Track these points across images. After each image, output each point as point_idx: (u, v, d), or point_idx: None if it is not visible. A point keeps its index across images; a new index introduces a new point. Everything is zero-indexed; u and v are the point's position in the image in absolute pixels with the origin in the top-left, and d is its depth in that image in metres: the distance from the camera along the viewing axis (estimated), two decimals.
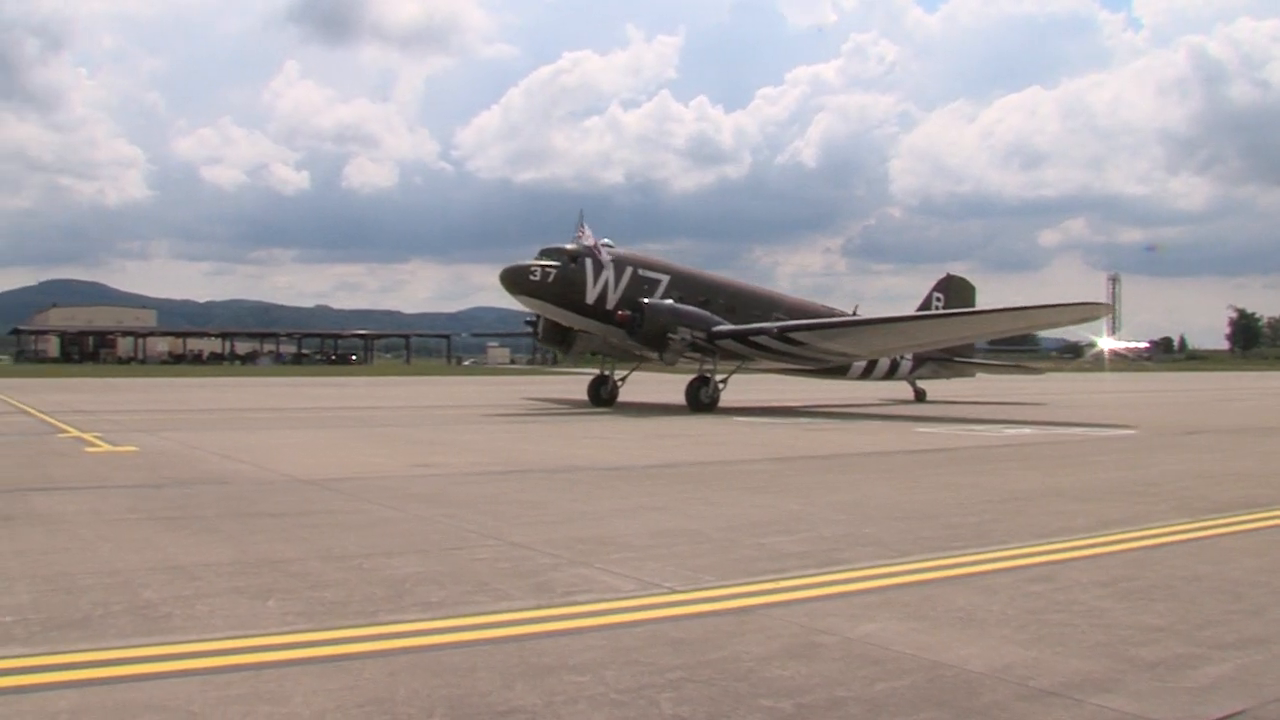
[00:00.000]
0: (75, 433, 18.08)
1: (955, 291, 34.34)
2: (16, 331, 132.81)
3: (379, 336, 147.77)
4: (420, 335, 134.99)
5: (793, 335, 26.08)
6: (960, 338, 27.48)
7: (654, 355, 26.60)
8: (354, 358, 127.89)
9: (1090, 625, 5.36)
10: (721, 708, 4.09)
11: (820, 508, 9.64)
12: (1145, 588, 6.29)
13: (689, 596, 6.02)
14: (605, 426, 21.72)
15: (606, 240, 27.66)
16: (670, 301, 26.20)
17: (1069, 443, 18.07)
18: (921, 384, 33.85)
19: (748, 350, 26.63)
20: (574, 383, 34.12)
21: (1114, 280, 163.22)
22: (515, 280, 25.90)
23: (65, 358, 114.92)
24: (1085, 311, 24.89)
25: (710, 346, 25.98)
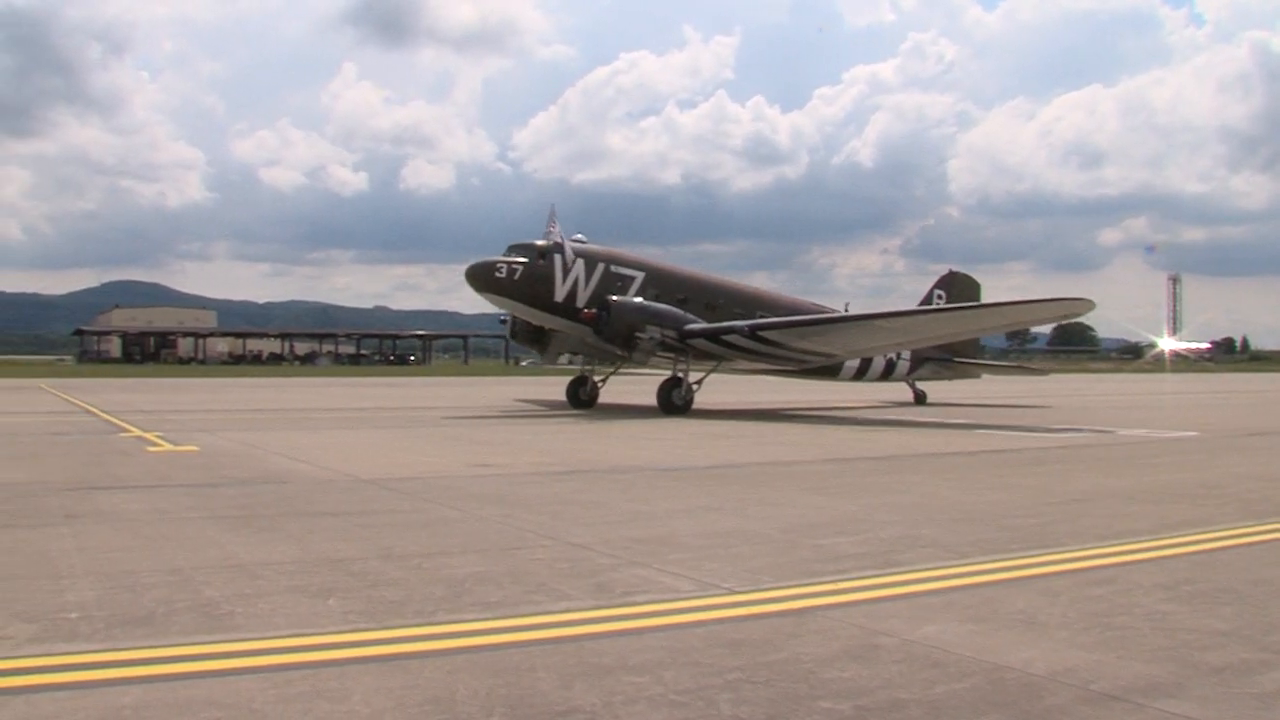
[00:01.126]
0: (137, 432, 18.38)
1: (959, 289, 33.29)
2: (80, 332, 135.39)
3: (437, 337, 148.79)
4: (478, 336, 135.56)
5: (764, 334, 25.22)
6: (939, 336, 26.21)
7: (623, 354, 26.08)
8: (412, 358, 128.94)
9: (1153, 629, 5.30)
10: (780, 709, 4.09)
11: (878, 509, 9.63)
12: (1210, 591, 6.20)
13: (747, 597, 6.02)
14: (663, 428, 21.68)
15: (579, 236, 27.09)
16: (639, 299, 25.45)
17: (1129, 445, 17.82)
18: (922, 385, 32.88)
19: (721, 350, 25.82)
20: (632, 384, 33.92)
21: (1174, 280, 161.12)
22: (480, 277, 25.24)
23: (127, 358, 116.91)
24: (1067, 308, 23.80)
25: (682, 346, 25.21)
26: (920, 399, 32.32)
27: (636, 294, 25.89)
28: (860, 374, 30.05)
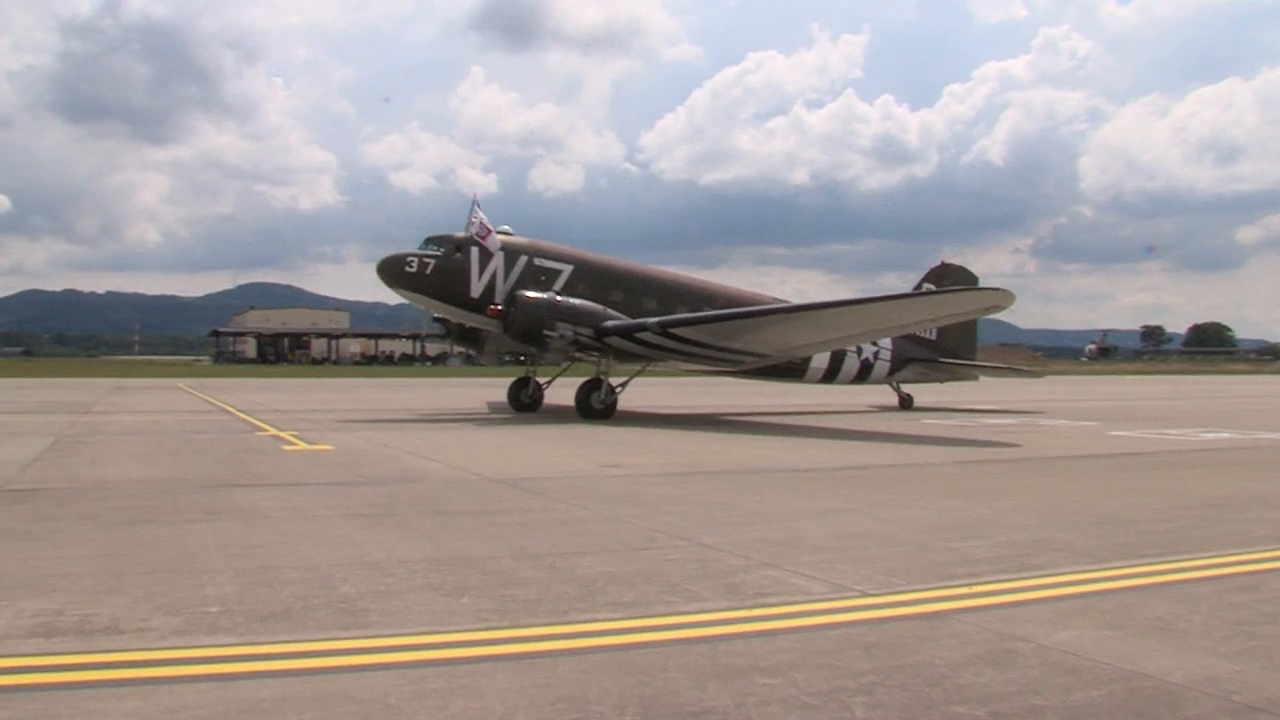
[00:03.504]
0: (273, 431, 18.97)
1: (952, 281, 30.67)
2: (216, 333, 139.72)
3: None
4: None
5: (676, 331, 23.67)
6: (862, 332, 24.47)
7: (535, 353, 25.13)
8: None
9: None
10: (914, 713, 4.09)
11: (1011, 512, 9.59)
12: None
13: (880, 600, 6.03)
14: (793, 427, 21.73)
15: (505, 227, 25.57)
16: (546, 294, 23.68)
17: (1268, 448, 17.30)
18: (907, 388, 31.02)
19: (639, 349, 24.20)
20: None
21: None
22: (391, 272, 24.15)
23: (261, 358, 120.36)
24: (988, 299, 22.28)
25: (600, 345, 23.79)
26: (906, 403, 30.51)
27: (563, 288, 24.47)
28: (830, 376, 28.42)
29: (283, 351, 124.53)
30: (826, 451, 16.09)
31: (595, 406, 23.35)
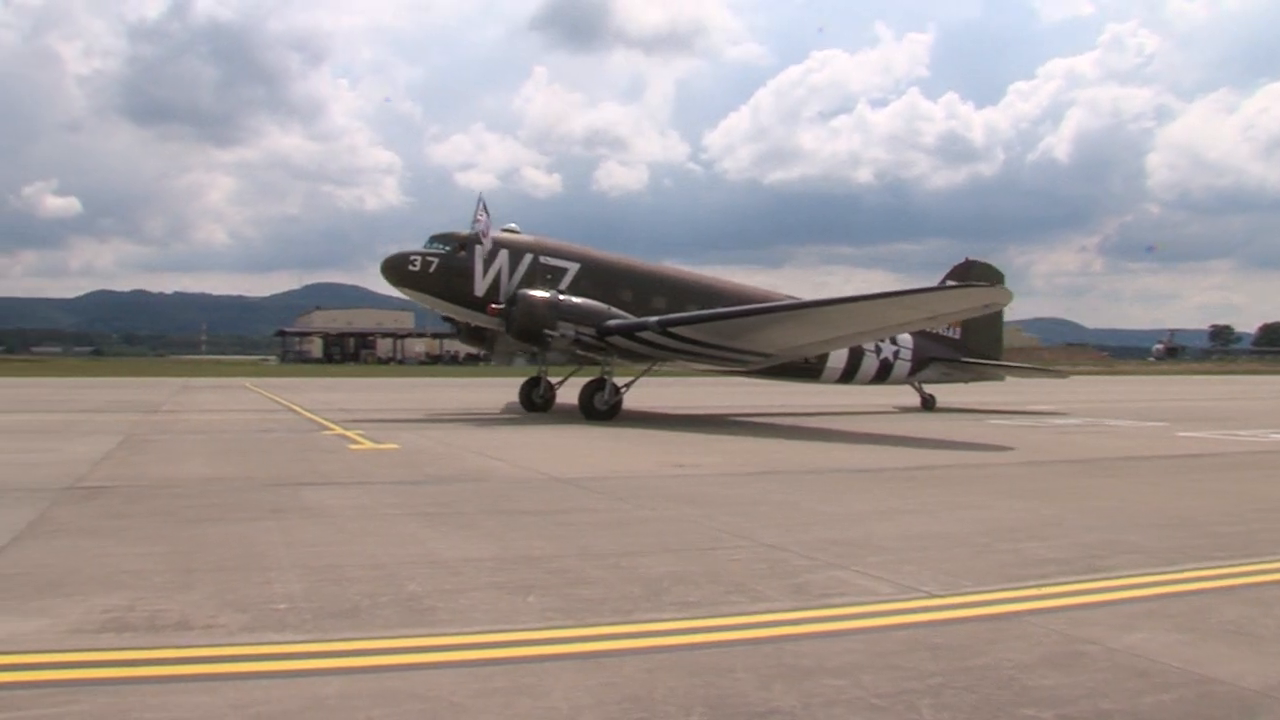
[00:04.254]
0: (339, 430, 19.16)
1: (977, 279, 29.42)
2: (282, 333, 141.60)
3: None
4: None
5: (676, 330, 23.09)
6: (860, 331, 23.67)
7: (537, 353, 24.71)
8: None
9: None
10: (982, 715, 4.07)
11: (1077, 513, 9.54)
12: None
13: (947, 601, 6.01)
14: (857, 427, 21.69)
15: (511, 225, 25.41)
16: (550, 293, 23.23)
17: None
18: (930, 389, 30.15)
19: (642, 348, 23.64)
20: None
21: None
22: (394, 270, 23.90)
23: (327, 358, 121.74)
24: (987, 296, 21.90)
25: (603, 344, 23.29)
26: (929, 404, 29.83)
27: (569, 287, 24.05)
28: (848, 376, 27.74)
29: (348, 351, 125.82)
30: (887, 452, 16.03)
31: (598, 407, 22.97)
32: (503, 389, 23.67)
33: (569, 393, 25.33)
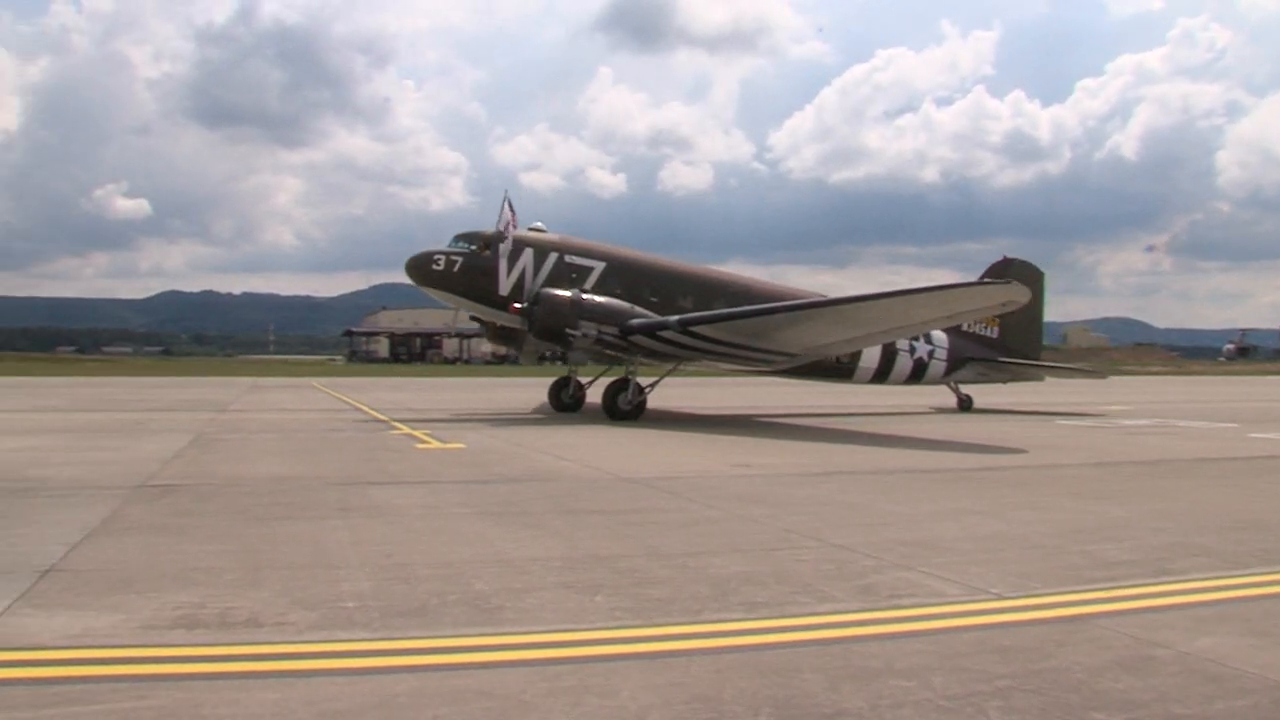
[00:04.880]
0: (406, 430, 19.34)
1: (1015, 278, 27.58)
2: (349, 333, 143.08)
3: None
4: None
5: (697, 330, 22.85)
6: (879, 330, 23.22)
7: (561, 352, 24.49)
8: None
9: None
10: (1051, 719, 4.05)
11: (1147, 515, 9.47)
12: None
13: (1016, 603, 5.99)
14: (918, 427, 21.66)
15: (538, 224, 25.25)
16: (572, 292, 23.07)
17: None
18: (967, 389, 29.64)
19: (665, 347, 23.42)
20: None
21: None
22: (418, 269, 23.86)
23: (394, 358, 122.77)
24: (1004, 294, 21.22)
25: (626, 344, 23.09)
26: (965, 404, 29.32)
27: (595, 286, 23.95)
28: (881, 376, 27.40)
29: (414, 351, 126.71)
30: (951, 453, 15.91)
31: (622, 407, 22.90)
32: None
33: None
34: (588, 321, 22.62)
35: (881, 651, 4.93)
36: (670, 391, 25.01)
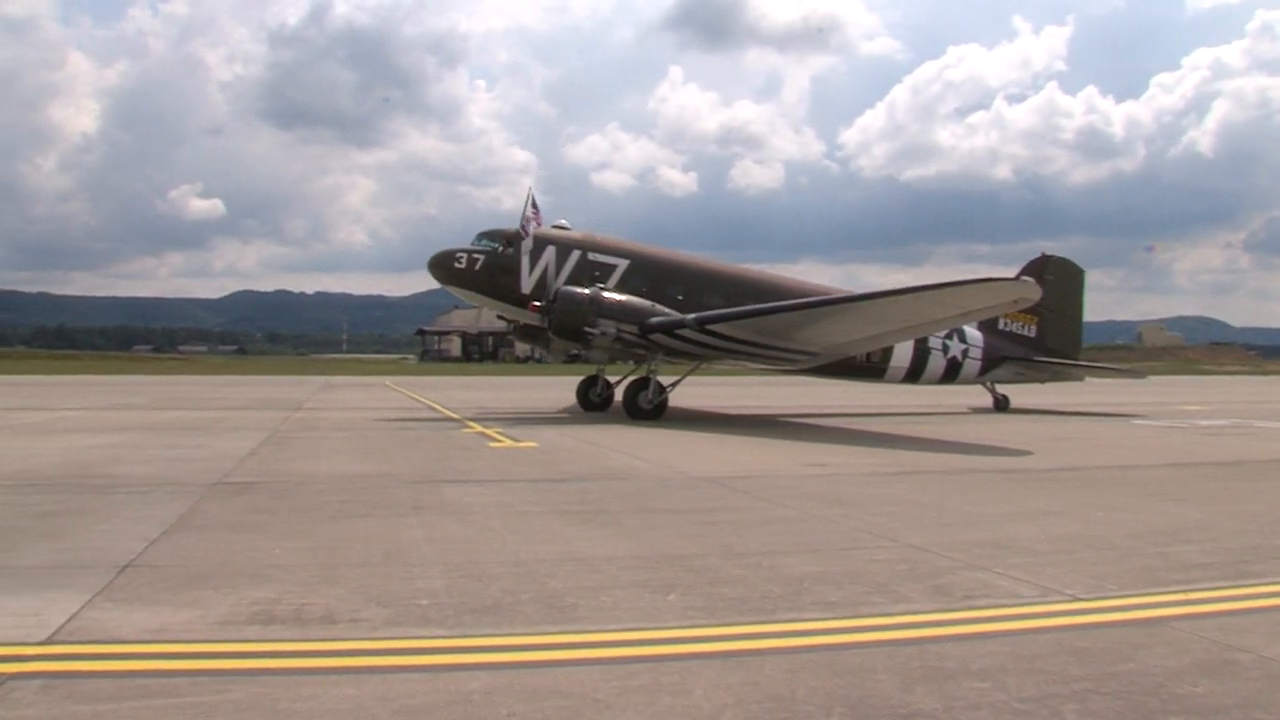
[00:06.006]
0: (479, 428, 19.49)
1: (1054, 274, 28.76)
2: (421, 332, 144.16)
3: None
4: None
5: (714, 328, 22.58)
6: (895, 328, 22.76)
7: (580, 350, 24.15)
8: None
9: None
10: None
11: (1225, 517, 9.37)
12: None
13: (1092, 605, 5.96)
14: (996, 429, 21.47)
15: (562, 221, 25.25)
16: (591, 290, 22.90)
17: None
18: (1003, 389, 29.03)
19: (684, 346, 23.16)
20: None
21: None
22: (441, 267, 24.00)
23: (466, 357, 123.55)
24: (1015, 291, 20.72)
25: (646, 342, 22.90)
26: (1001, 404, 28.75)
27: (618, 284, 23.82)
28: (914, 376, 26.90)
29: (487, 350, 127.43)
30: (1024, 454, 15.74)
31: (643, 406, 22.74)
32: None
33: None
34: (607, 320, 22.53)
35: (956, 652, 4.92)
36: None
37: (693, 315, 23.00)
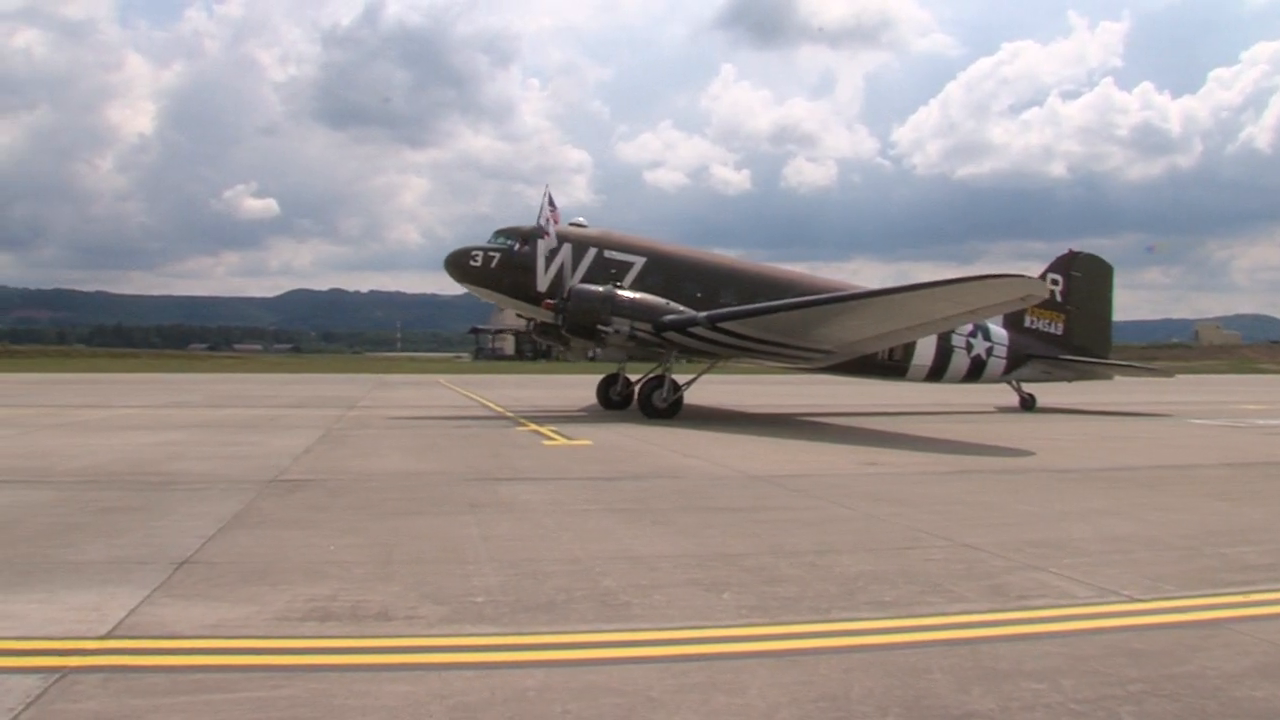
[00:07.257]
0: (533, 426, 19.58)
1: (1081, 272, 28.63)
2: (475, 330, 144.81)
3: None
4: None
5: (725, 326, 22.42)
6: (905, 326, 22.35)
7: (594, 348, 23.97)
8: None
9: None
10: None
11: None
12: None
13: (1149, 606, 5.93)
14: (1050, 428, 21.42)
15: (579, 219, 25.35)
16: (605, 287, 22.72)
17: None
18: (1029, 388, 28.64)
19: (696, 344, 22.98)
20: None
21: None
22: (457, 265, 24.20)
23: (520, 355, 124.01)
24: (1020, 288, 20.20)
25: (660, 340, 22.72)
26: (1028, 403, 28.42)
27: (635, 281, 23.81)
28: (936, 374, 26.58)
29: (541, 348, 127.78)
30: (1086, 455, 15.65)
31: (657, 404, 22.56)
32: (699, 386, 23.60)
33: None
34: (620, 318, 22.40)
35: (1011, 653, 4.92)
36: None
37: (705, 313, 22.93)
